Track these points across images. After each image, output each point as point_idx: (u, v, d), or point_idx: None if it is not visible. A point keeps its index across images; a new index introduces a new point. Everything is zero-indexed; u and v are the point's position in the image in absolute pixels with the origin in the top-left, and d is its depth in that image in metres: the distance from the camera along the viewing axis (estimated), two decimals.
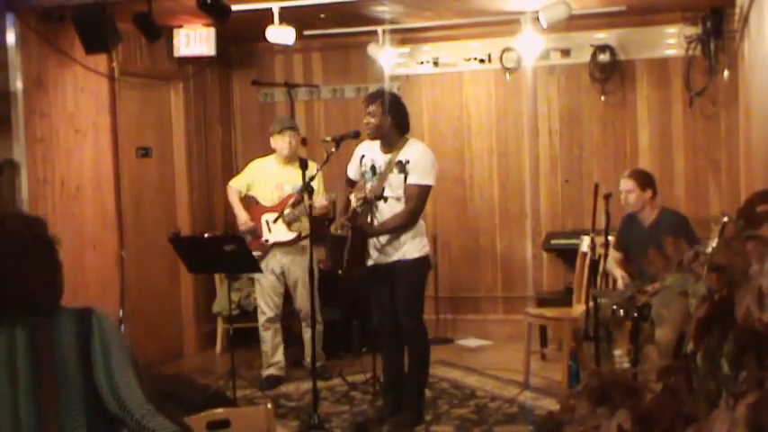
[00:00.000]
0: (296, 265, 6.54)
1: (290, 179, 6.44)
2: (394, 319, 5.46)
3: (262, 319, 6.64)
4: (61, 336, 2.41)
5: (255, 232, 6.56)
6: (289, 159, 6.56)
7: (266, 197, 6.62)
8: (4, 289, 2.41)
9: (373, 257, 5.47)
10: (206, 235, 7.08)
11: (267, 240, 6.56)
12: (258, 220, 6.60)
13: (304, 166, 5.60)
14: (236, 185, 6.75)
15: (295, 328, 7.01)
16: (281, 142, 6.59)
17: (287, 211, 6.37)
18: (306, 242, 6.53)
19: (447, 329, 8.01)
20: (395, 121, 5.42)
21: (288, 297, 6.70)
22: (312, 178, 5.63)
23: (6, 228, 2.46)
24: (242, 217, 6.63)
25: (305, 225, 6.28)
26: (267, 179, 6.64)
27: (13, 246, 2.44)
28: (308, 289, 6.43)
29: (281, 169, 6.61)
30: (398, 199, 5.37)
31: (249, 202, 6.72)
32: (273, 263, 6.56)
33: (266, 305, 6.61)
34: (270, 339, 6.62)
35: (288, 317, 6.85)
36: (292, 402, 6.20)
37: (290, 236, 6.50)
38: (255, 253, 6.39)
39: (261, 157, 6.87)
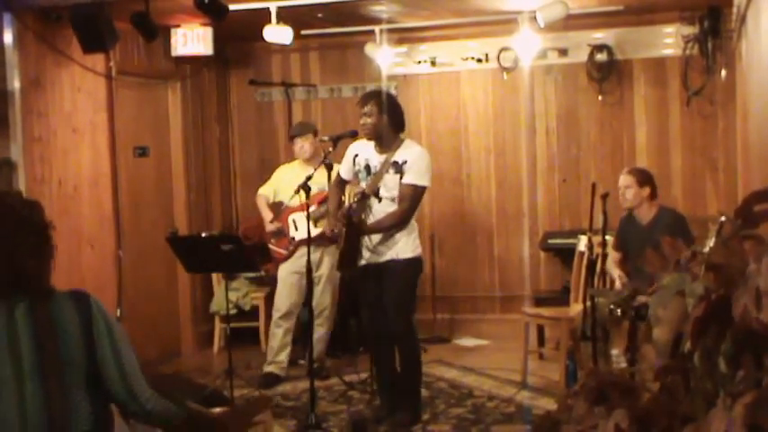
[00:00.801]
0: (323, 262, 6.60)
1: (315, 179, 6.47)
2: (384, 318, 5.45)
3: (276, 315, 6.72)
4: (62, 316, 2.42)
5: (282, 232, 6.72)
6: (310, 161, 6.62)
7: (294, 199, 6.68)
8: (2, 270, 2.41)
9: (365, 257, 5.46)
10: (203, 234, 7.08)
11: (293, 238, 6.67)
12: (285, 220, 6.72)
13: (329, 168, 5.61)
14: (264, 192, 6.92)
15: (294, 329, 7.03)
16: (295, 148, 6.79)
17: (312, 208, 6.42)
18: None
19: (444, 329, 8.01)
20: (391, 120, 5.42)
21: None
22: (309, 178, 5.62)
23: (6, 205, 2.46)
24: (267, 219, 6.81)
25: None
26: (292, 182, 6.65)
27: (12, 225, 2.44)
28: (331, 286, 6.68)
29: (304, 171, 6.64)
30: (393, 199, 5.36)
31: (279, 206, 6.81)
32: (302, 261, 6.55)
33: (282, 303, 6.68)
34: (280, 337, 6.66)
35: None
36: (290, 402, 6.19)
37: (316, 232, 6.54)
38: (282, 251, 6.66)
39: (286, 162, 7.10)
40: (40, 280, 2.46)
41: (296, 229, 6.70)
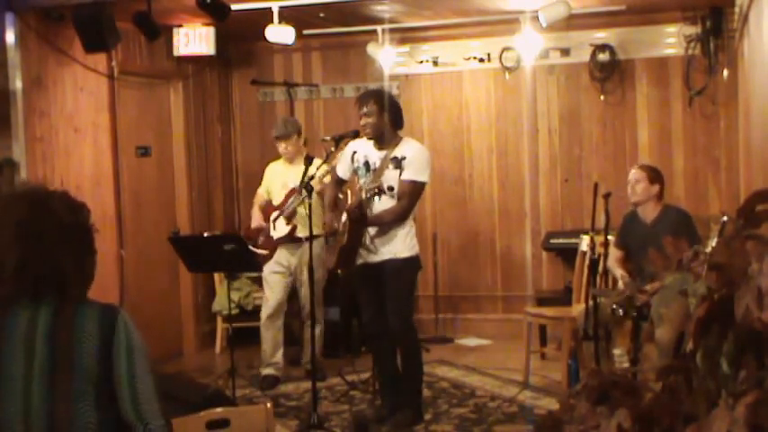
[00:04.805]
0: (303, 265, 6.56)
1: (296, 177, 6.46)
2: (383, 318, 5.44)
3: (263, 317, 6.65)
4: (84, 323, 2.43)
5: (266, 231, 6.67)
6: (292, 159, 6.62)
7: (277, 197, 6.70)
8: (39, 269, 2.42)
9: (363, 256, 5.46)
10: (205, 234, 7.08)
11: (272, 238, 6.65)
12: (268, 219, 6.71)
13: (308, 162, 5.61)
14: (261, 191, 6.92)
15: (294, 327, 7.02)
16: (279, 149, 6.74)
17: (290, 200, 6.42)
18: (315, 242, 6.57)
19: (446, 329, 8.01)
20: (391, 119, 5.44)
21: (292, 296, 6.74)
22: (312, 177, 5.62)
23: (50, 209, 2.48)
24: (255, 219, 6.79)
25: (304, 218, 6.32)
26: (277, 180, 6.74)
27: (55, 228, 2.46)
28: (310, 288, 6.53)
29: (287, 168, 6.69)
30: (393, 196, 5.37)
31: (269, 205, 6.81)
32: (282, 259, 6.62)
33: (268, 304, 6.64)
34: (270, 339, 6.62)
35: (287, 316, 6.84)
36: (292, 401, 6.20)
37: (287, 230, 6.54)
38: (264, 252, 6.57)
39: (273, 159, 6.99)
40: (77, 284, 2.47)
41: (274, 228, 6.65)
